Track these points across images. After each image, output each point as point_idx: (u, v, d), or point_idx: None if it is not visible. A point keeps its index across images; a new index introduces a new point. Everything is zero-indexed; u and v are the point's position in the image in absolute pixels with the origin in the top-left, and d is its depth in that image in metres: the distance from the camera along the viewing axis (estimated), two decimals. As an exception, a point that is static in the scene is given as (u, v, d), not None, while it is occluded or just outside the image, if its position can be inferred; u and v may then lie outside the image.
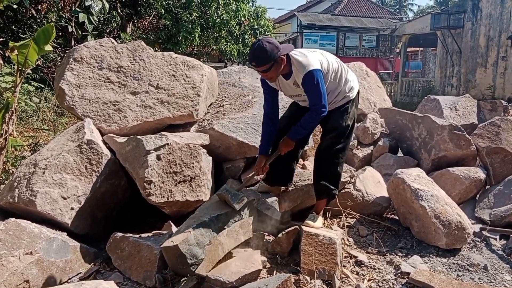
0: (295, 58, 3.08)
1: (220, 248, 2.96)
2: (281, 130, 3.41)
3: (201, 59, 15.87)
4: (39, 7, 10.56)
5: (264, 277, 2.95)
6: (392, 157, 5.22)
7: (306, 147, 4.33)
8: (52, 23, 4.93)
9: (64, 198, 3.47)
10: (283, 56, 3.00)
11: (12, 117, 4.73)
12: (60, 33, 11.12)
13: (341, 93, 3.34)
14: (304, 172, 4.07)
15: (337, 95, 3.33)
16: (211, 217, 3.00)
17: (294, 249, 3.26)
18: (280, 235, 3.26)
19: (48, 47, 4.66)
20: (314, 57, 3.14)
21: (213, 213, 3.05)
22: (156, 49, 13.21)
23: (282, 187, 3.72)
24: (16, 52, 4.53)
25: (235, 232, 3.07)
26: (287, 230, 3.25)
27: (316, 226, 3.33)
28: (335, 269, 3.00)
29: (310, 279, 2.94)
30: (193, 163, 3.69)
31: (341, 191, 3.92)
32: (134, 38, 12.76)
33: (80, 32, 10.10)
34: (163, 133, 3.79)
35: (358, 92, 3.52)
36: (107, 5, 9.29)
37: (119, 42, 6.19)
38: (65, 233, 3.33)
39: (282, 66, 3.03)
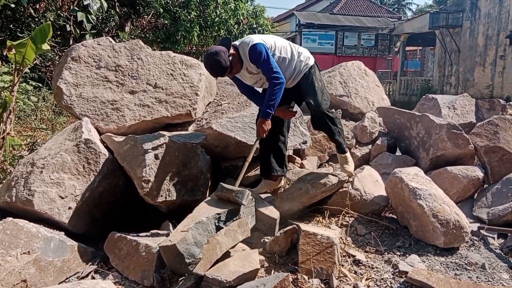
0: (239, 42, 3.36)
1: (218, 247, 2.96)
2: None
3: (200, 58, 15.85)
4: (37, 6, 10.54)
5: (262, 276, 2.95)
6: (390, 156, 5.22)
7: (304, 146, 4.33)
8: (50, 22, 4.93)
9: (62, 198, 3.47)
10: (232, 51, 3.26)
11: (10, 116, 4.73)
12: (59, 32, 11.11)
13: (297, 63, 3.55)
14: (303, 171, 4.07)
15: (294, 66, 3.54)
16: (209, 216, 3.00)
17: (292, 248, 3.26)
18: (278, 234, 3.26)
19: (46, 46, 4.66)
20: (256, 36, 3.42)
21: (211, 213, 3.05)
22: (155, 48, 13.19)
23: (281, 181, 3.80)
24: (13, 51, 4.53)
25: (233, 231, 3.07)
26: (285, 229, 3.24)
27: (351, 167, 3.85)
28: (333, 268, 3.00)
29: (308, 278, 2.94)
30: (191, 162, 3.69)
31: (340, 190, 3.93)
32: (132, 37, 12.73)
33: (78, 31, 10.09)
34: (161, 132, 3.79)
35: (316, 63, 3.71)
36: (105, 4, 9.28)
37: (117, 41, 6.18)
38: (63, 233, 3.33)
39: (236, 60, 3.28)
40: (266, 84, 3.45)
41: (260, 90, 3.70)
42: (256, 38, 3.34)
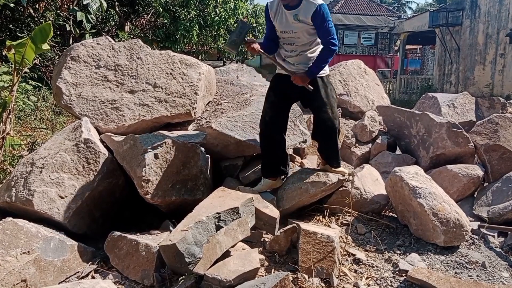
0: None
1: (218, 247, 2.96)
2: (267, 123, 3.62)
3: (200, 58, 15.86)
4: (37, 6, 10.53)
5: (262, 276, 2.95)
6: (390, 155, 5.22)
7: (304, 145, 4.32)
8: (50, 21, 4.92)
9: (62, 197, 3.46)
10: None
11: (10, 116, 4.73)
12: (58, 32, 11.10)
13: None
14: (303, 170, 4.06)
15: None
16: (208, 215, 3.00)
17: (292, 247, 3.26)
18: (278, 233, 3.25)
19: (45, 46, 4.66)
20: None
21: (211, 212, 3.05)
22: (154, 47, 13.19)
23: (281, 180, 3.81)
24: (13, 51, 4.53)
25: (233, 231, 3.07)
26: (285, 228, 3.24)
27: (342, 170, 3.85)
28: (333, 267, 3.00)
29: (308, 277, 2.94)
30: (190, 161, 3.69)
31: (339, 189, 3.93)
32: (132, 36, 12.73)
33: (78, 30, 10.08)
34: (160, 131, 3.79)
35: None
36: (104, 4, 9.27)
37: (116, 40, 6.18)
38: (63, 232, 3.32)
39: None
40: (290, 47, 3.54)
41: (285, 46, 3.65)
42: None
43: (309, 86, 3.54)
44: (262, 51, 3.61)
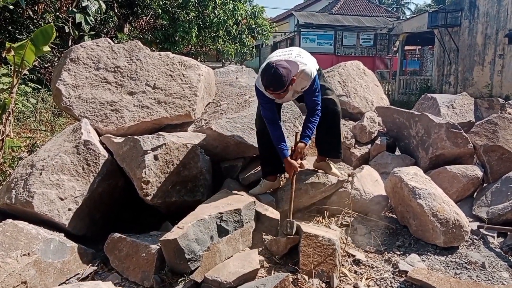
0: (300, 70, 3.30)
1: (218, 256, 2.97)
2: (263, 121, 3.56)
3: (199, 59, 15.85)
4: (36, 8, 10.54)
5: (262, 277, 2.95)
6: (390, 156, 5.22)
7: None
8: (52, 23, 4.92)
9: (62, 199, 3.47)
10: (294, 78, 3.23)
11: (9, 118, 4.73)
12: (57, 34, 11.07)
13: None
14: (302, 171, 4.06)
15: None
16: (211, 215, 3.00)
17: (292, 248, 3.25)
18: (281, 237, 3.23)
19: (46, 48, 4.66)
20: (310, 61, 3.45)
21: (214, 212, 3.05)
22: (153, 49, 13.19)
23: (281, 182, 3.83)
24: (12, 52, 4.53)
25: (235, 240, 3.08)
26: (289, 236, 3.21)
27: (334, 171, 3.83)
28: (334, 270, 2.99)
29: (308, 278, 2.94)
30: (190, 163, 3.69)
31: (339, 190, 3.93)
32: (131, 38, 12.73)
33: (77, 32, 10.06)
34: (160, 133, 3.79)
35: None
36: (103, 6, 9.25)
37: (116, 42, 6.18)
38: (63, 234, 3.32)
39: (290, 85, 3.23)
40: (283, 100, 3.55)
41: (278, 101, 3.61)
42: (313, 67, 3.39)
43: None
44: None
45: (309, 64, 3.37)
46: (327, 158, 3.87)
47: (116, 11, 13.51)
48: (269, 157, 3.72)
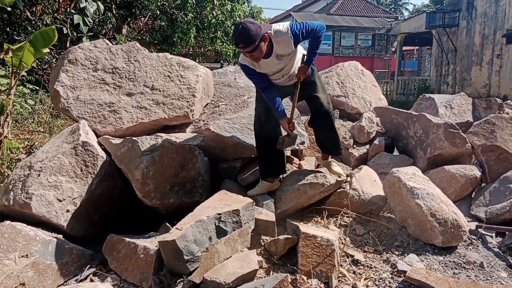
0: (273, 30, 3.25)
1: (216, 257, 2.96)
2: (262, 123, 3.60)
3: (197, 60, 15.87)
4: (34, 9, 10.53)
5: (261, 277, 2.95)
6: (388, 156, 5.22)
7: (302, 147, 4.33)
8: (53, 26, 4.92)
9: (60, 201, 3.46)
10: (266, 34, 3.17)
11: (7, 119, 4.73)
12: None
13: (301, 56, 3.58)
14: (301, 171, 4.07)
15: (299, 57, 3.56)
16: (209, 216, 3.00)
17: (291, 249, 3.25)
18: (279, 237, 3.23)
19: (45, 49, 4.66)
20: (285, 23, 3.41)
21: (212, 212, 3.05)
22: (152, 50, 13.19)
23: (279, 182, 3.82)
24: (10, 54, 4.53)
25: (233, 241, 3.08)
26: (287, 236, 3.22)
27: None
28: (333, 270, 3.00)
29: (307, 279, 2.94)
30: (188, 164, 3.69)
31: (338, 190, 3.93)
32: (129, 39, 12.72)
33: (75, 33, 10.07)
34: (158, 134, 3.78)
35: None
36: (102, 7, 9.28)
37: (114, 43, 6.17)
38: (61, 236, 3.32)
39: (266, 44, 3.19)
40: (284, 79, 3.53)
41: (278, 82, 3.59)
42: (285, 24, 3.34)
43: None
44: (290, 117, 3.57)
45: (283, 23, 3.34)
46: (330, 156, 3.95)
47: (114, 12, 13.50)
48: (268, 159, 3.73)
